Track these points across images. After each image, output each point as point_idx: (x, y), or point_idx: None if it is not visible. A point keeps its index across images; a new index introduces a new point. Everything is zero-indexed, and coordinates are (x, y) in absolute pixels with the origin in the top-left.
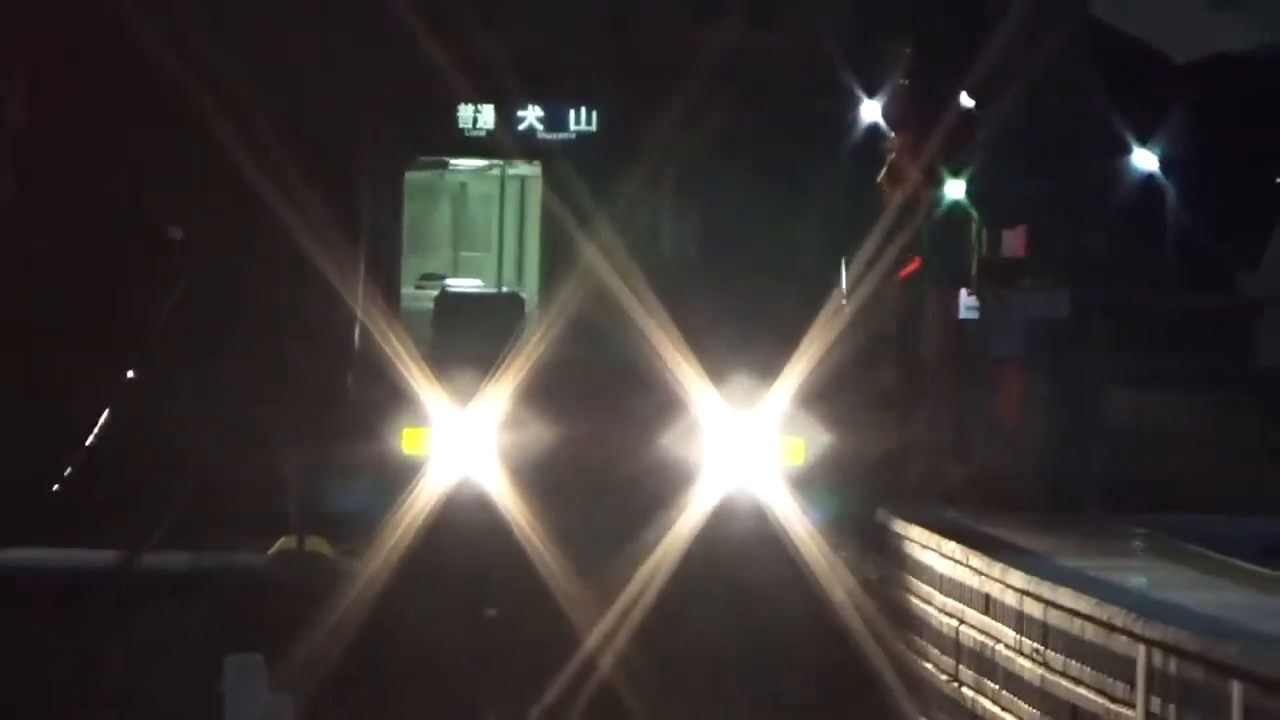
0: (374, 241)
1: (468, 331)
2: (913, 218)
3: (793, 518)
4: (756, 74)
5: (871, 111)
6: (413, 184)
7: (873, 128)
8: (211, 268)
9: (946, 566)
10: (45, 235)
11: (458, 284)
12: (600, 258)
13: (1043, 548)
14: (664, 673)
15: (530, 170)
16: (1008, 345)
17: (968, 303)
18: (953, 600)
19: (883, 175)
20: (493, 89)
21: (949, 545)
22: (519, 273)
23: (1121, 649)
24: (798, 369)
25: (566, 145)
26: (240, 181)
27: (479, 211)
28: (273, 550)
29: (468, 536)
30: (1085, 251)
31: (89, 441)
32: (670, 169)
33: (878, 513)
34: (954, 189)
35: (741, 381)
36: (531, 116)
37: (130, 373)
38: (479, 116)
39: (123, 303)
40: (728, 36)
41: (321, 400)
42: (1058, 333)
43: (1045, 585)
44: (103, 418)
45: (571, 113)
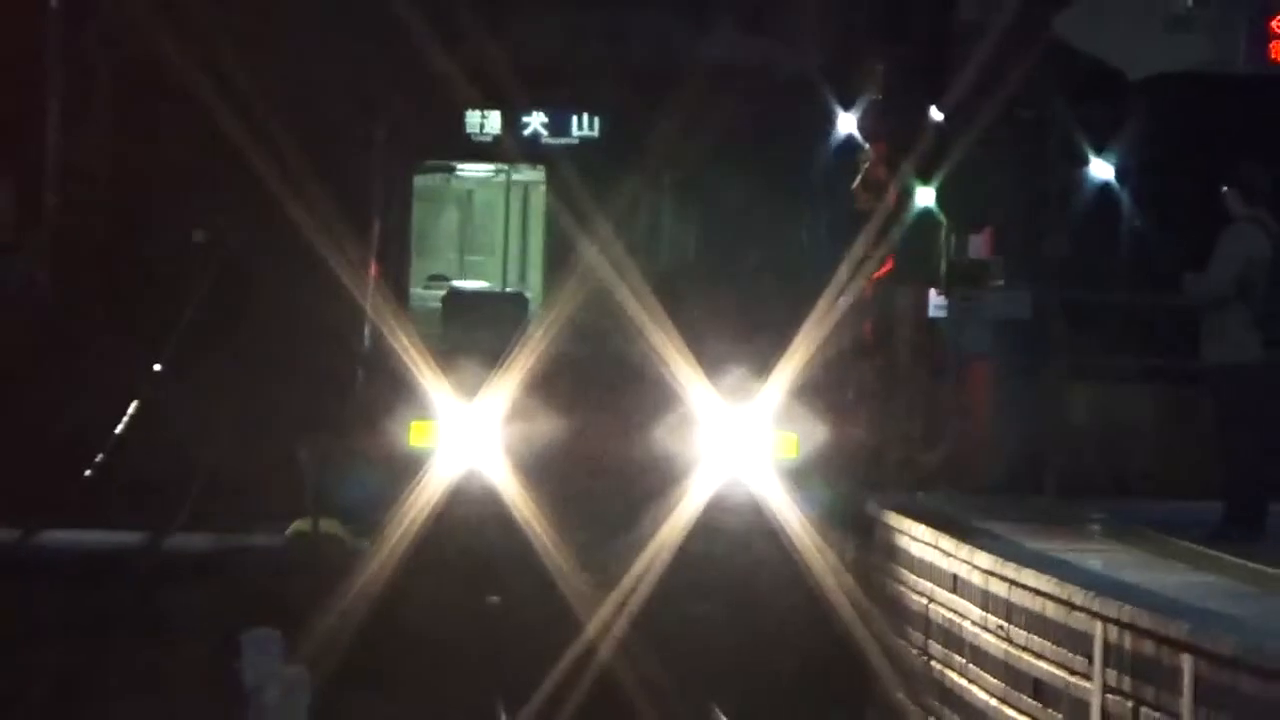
0: (384, 243)
1: (474, 328)
2: (887, 223)
3: (786, 509)
4: (749, 82)
5: (848, 124)
6: (420, 188)
7: (849, 139)
8: (233, 269)
9: (918, 549)
10: (84, 239)
11: (465, 284)
12: (601, 259)
13: (1007, 531)
14: (661, 655)
15: (534, 175)
16: (975, 343)
17: (937, 302)
18: (924, 580)
19: (857, 184)
20: (498, 96)
21: (919, 529)
22: (523, 274)
23: (1080, 625)
24: (790, 366)
25: (569, 150)
26: (259, 189)
27: (484, 215)
28: (288, 532)
29: (473, 525)
30: (1047, 254)
31: (119, 430)
32: (668, 173)
33: (867, 504)
34: (924, 196)
35: (737, 378)
36: (536, 122)
37: (157, 366)
38: (485, 122)
39: (151, 301)
40: (723, 45)
41: (334, 393)
42: (1021, 332)
43: (1009, 566)
44: (131, 407)
45: (574, 119)
